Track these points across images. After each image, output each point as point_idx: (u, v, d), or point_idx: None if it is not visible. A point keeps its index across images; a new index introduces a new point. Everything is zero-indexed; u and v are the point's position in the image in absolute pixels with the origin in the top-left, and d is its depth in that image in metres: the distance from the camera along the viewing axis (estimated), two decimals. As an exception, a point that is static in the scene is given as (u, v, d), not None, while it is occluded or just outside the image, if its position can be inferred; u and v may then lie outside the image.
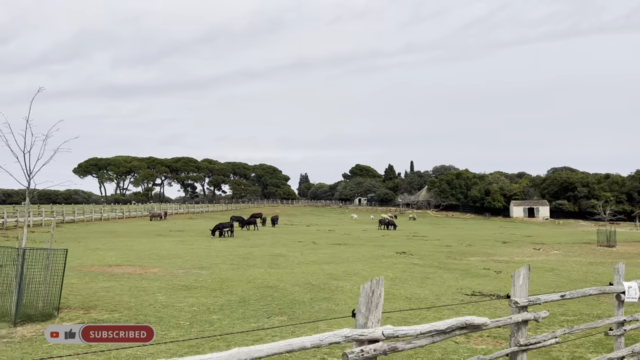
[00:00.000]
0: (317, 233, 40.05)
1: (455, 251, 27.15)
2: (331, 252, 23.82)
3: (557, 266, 21.02)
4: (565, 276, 17.99)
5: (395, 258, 22.10)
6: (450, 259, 22.85)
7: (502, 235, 44.10)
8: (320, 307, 10.96)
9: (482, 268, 19.39)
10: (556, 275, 18.21)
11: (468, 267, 19.48)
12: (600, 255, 28.70)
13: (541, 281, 16.35)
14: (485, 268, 19.41)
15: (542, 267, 20.26)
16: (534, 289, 14.77)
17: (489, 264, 20.75)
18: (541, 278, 17.12)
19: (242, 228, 39.80)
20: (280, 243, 28.32)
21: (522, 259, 24.54)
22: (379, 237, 37.76)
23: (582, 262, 23.91)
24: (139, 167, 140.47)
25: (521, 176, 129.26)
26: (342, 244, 28.95)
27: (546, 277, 17.56)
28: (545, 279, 17.10)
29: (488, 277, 17.13)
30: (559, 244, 36.55)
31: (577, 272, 19.46)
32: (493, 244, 34.07)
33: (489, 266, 20.04)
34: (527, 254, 27.81)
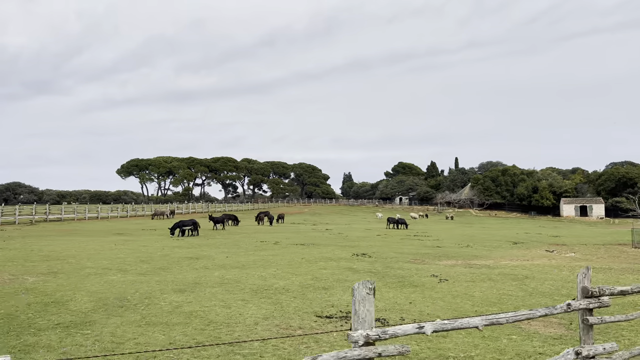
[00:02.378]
0: (307, 232, 36.45)
1: (435, 253, 22.80)
2: (271, 254, 20.21)
3: (543, 274, 16.45)
4: (532, 288, 13.56)
5: (340, 261, 18.19)
6: (410, 263, 18.66)
7: (525, 236, 38.75)
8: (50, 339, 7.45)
9: (429, 275, 15.21)
10: (521, 286, 13.81)
11: (412, 275, 15.34)
12: (624, 260, 23.48)
13: (487, 294, 12.22)
14: (433, 275, 15.23)
15: (513, 275, 15.80)
16: (459, 307, 10.73)
17: (446, 271, 16.47)
18: (493, 289, 12.92)
19: (214, 228, 36.28)
20: (234, 244, 24.96)
21: (508, 263, 19.92)
22: (371, 236, 33.65)
23: (598, 267, 19.05)
24: (179, 167, 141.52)
25: (575, 172, 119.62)
26: (309, 245, 25.24)
27: (502, 288, 13.25)
28: (496, 291, 12.82)
29: (417, 287, 13.02)
30: (585, 245, 31.16)
31: (561, 281, 14.89)
32: (498, 245, 29.22)
33: (442, 273, 15.79)
34: (526, 257, 23.00)
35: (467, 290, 12.91)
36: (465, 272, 16.46)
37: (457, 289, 12.99)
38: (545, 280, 15.00)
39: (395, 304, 10.75)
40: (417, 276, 15.11)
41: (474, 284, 13.90)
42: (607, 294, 6.51)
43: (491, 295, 12.27)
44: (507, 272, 16.51)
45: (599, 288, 6.42)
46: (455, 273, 16.00)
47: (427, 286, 13.35)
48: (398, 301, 11.17)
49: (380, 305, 10.29)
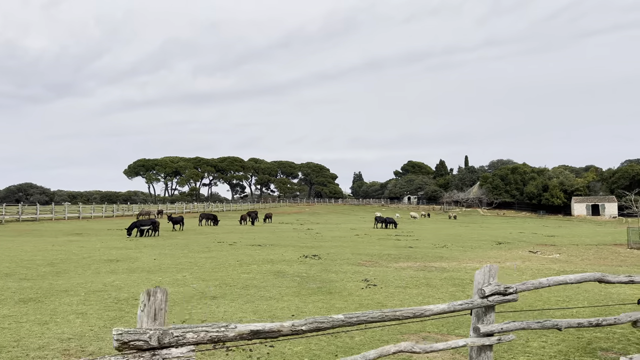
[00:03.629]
0: (281, 233, 34.69)
1: (398, 255, 20.84)
2: (207, 256, 18.48)
3: (498, 278, 14.39)
4: (468, 295, 11.58)
5: (277, 264, 16.41)
6: (357, 265, 16.78)
7: (518, 236, 36.48)
8: None
9: (360, 280, 13.35)
10: (456, 292, 11.90)
11: (341, 280, 13.48)
12: (610, 262, 21.34)
13: (404, 301, 10.28)
14: (365, 280, 13.36)
15: (460, 279, 13.85)
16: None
17: (387, 274, 14.57)
18: (419, 297, 11.12)
19: (173, 230, 34.08)
20: (184, 245, 23.29)
21: (470, 265, 17.87)
22: (348, 236, 31.75)
23: (568, 270, 16.97)
24: (185, 167, 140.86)
25: (588, 170, 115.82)
26: (266, 245, 23.48)
27: (431, 294, 11.36)
28: (421, 298, 10.92)
29: (333, 294, 11.19)
30: (576, 245, 28.91)
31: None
32: (478, 246, 27.11)
33: (380, 277, 13.90)
34: (499, 259, 20.89)
35: (387, 297, 11.01)
36: (409, 275, 14.53)
37: (376, 296, 11.10)
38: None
39: (274, 317, 8.91)
40: (345, 281, 13.23)
41: (403, 290, 11.99)
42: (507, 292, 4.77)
43: (407, 302, 10.35)
44: (457, 276, 14.54)
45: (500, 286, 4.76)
46: (396, 277, 14.07)
47: (344, 293, 11.48)
48: (276, 314, 9.31)
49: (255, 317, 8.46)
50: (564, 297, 11.22)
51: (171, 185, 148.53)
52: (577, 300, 10.89)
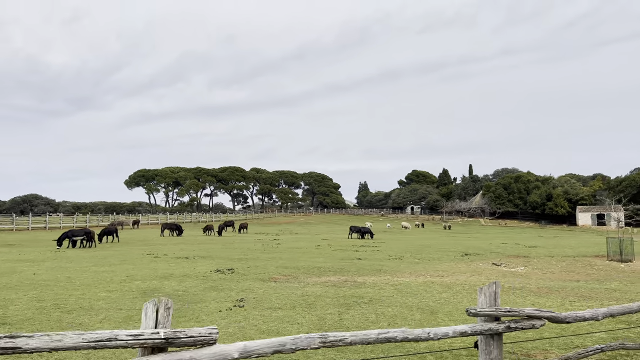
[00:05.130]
0: (236, 244, 32.69)
1: (331, 267, 18.77)
2: (103, 270, 16.57)
3: (412, 296, 12.37)
4: (380, 313, 9.56)
5: (167, 280, 14.46)
6: (263, 281, 14.73)
7: (497, 247, 34.04)
8: None
9: (236, 300, 11.32)
10: (342, 314, 9.80)
11: (214, 299, 11.46)
12: (574, 276, 19.09)
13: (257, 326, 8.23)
14: (239, 300, 11.32)
15: (367, 297, 11.73)
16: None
17: (280, 293, 12.52)
18: (294, 315, 8.95)
19: (100, 241, 30.74)
20: (102, 257, 21.43)
21: (403, 280, 15.73)
22: (308, 247, 29.64)
23: (507, 286, 14.80)
24: (186, 177, 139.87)
25: (595, 178, 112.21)
26: (193, 258, 21.54)
27: (308, 314, 9.25)
28: (289, 317, 8.81)
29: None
30: (551, 257, 26.55)
31: (412, 307, 10.78)
32: (439, 257, 24.87)
33: (266, 296, 11.88)
34: (446, 272, 18.66)
35: (236, 322, 8.96)
36: (309, 293, 12.46)
37: (223, 321, 9.05)
38: (394, 305, 10.95)
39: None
40: (218, 301, 11.25)
41: (271, 312, 9.94)
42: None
43: (248, 329, 8.28)
44: (361, 294, 12.44)
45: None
46: (285, 296, 12.01)
47: (201, 316, 9.46)
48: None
49: None
50: None
51: (172, 196, 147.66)
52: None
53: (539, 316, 4.19)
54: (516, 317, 4.16)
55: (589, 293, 14.06)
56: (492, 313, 4.14)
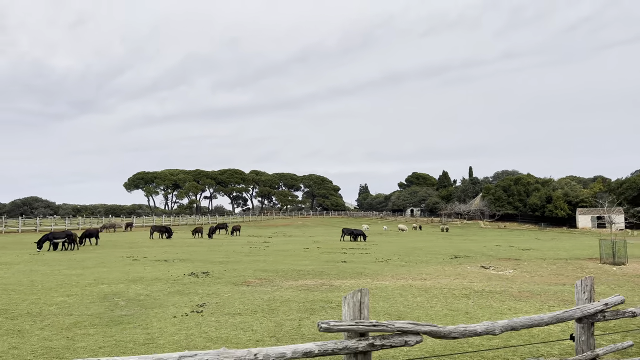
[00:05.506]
0: (223, 246, 32.25)
1: (311, 271, 18.30)
2: (82, 273, 16.13)
3: (383, 300, 11.87)
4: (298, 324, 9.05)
5: (133, 284, 14.01)
6: (236, 285, 14.29)
7: (491, 249, 33.50)
8: None
9: (197, 305, 10.85)
10: (338, 315, 9.33)
11: (176, 304, 11.02)
12: (561, 279, 18.57)
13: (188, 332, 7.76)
14: (200, 305, 10.85)
15: (325, 302, 11.25)
16: None
17: (246, 297, 12.06)
18: (251, 321, 8.52)
19: (81, 244, 29.50)
20: (82, 260, 20.98)
21: (382, 284, 15.23)
22: (296, 250, 29.17)
23: (478, 288, 14.31)
24: (185, 179, 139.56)
25: (596, 180, 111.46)
26: (172, 261, 21.08)
27: (267, 320, 8.78)
28: (245, 323, 8.35)
29: (107, 326, 8.66)
30: (543, 260, 25.98)
31: (377, 311, 10.34)
32: (427, 260, 24.36)
33: (230, 301, 11.43)
34: (430, 275, 18.16)
35: (185, 328, 8.48)
36: (277, 297, 11.99)
37: (172, 328, 8.58)
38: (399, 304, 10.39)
39: None
40: (179, 306, 10.78)
41: (228, 319, 9.47)
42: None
43: (196, 336, 7.81)
44: (334, 299, 11.97)
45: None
46: (249, 300, 11.55)
47: (152, 323, 9.00)
48: None
49: None
50: None
51: (171, 198, 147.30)
52: None
53: (414, 331, 3.61)
54: (385, 332, 3.58)
55: (571, 297, 13.54)
56: (351, 327, 3.41)
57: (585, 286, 3.96)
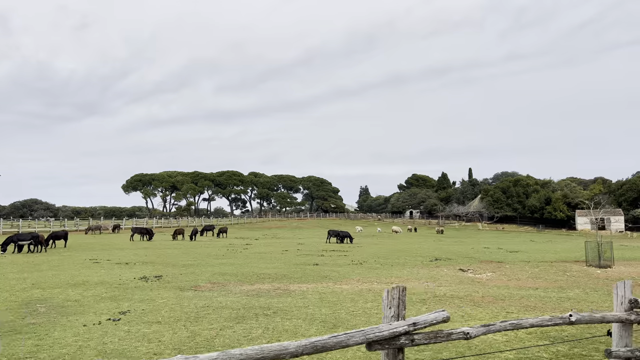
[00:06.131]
0: (196, 249, 31.44)
1: (277, 274, 17.50)
2: (23, 277, 15.31)
3: (327, 305, 11.05)
4: (272, 327, 8.22)
5: (54, 290, 13.18)
6: (179, 290, 13.47)
7: (478, 252, 32.60)
8: None
9: (118, 312, 10.04)
10: (268, 323, 8.50)
11: (98, 312, 10.21)
12: (541, 283, 17.71)
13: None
14: (122, 313, 10.03)
15: (262, 308, 10.42)
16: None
17: (169, 304, 11.24)
18: (163, 330, 7.70)
19: (47, 246, 27.97)
20: (37, 263, 20.22)
21: (346, 287, 14.40)
22: (271, 253, 28.38)
23: (416, 292, 13.47)
24: (183, 181, 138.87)
25: (596, 182, 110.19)
26: (135, 263, 20.31)
27: (232, 328, 7.98)
28: (153, 333, 7.55)
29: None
30: (527, 262, 25.18)
31: (311, 318, 9.52)
32: (404, 262, 23.53)
33: (153, 308, 10.60)
34: (401, 278, 17.30)
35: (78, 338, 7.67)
36: (212, 304, 11.19)
37: (86, 336, 7.77)
38: (297, 317, 9.65)
39: None
40: (95, 314, 9.93)
41: (142, 328, 8.65)
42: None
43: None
44: (275, 305, 11.15)
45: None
46: (184, 307, 10.74)
47: (53, 335, 8.17)
48: None
49: None
50: None
51: (169, 200, 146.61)
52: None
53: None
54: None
55: (536, 303, 12.67)
56: None
57: (392, 299, 3.08)
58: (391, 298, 3.08)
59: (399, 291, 3.06)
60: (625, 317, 4.90)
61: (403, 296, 3.07)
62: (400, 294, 3.06)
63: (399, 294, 3.05)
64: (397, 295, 3.08)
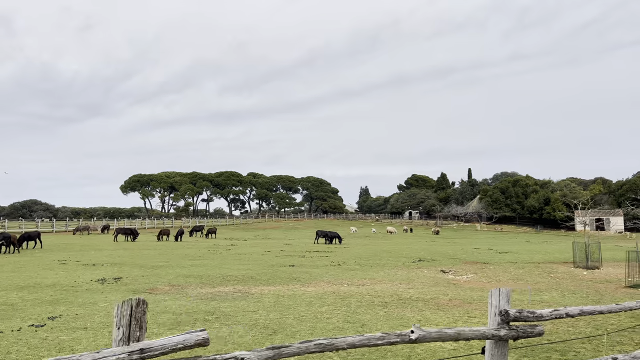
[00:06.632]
0: (180, 250, 30.80)
1: (245, 276, 16.85)
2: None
3: (263, 311, 10.39)
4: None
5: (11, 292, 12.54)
6: (131, 293, 12.84)
7: (466, 252, 31.90)
8: None
9: (47, 318, 9.37)
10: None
11: (31, 318, 9.55)
12: (520, 285, 17.04)
13: None
14: (50, 318, 9.38)
15: (208, 312, 9.77)
16: None
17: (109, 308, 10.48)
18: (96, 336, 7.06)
19: (20, 246, 26.86)
20: (5, 265, 19.61)
21: (307, 289, 13.73)
22: (252, 254, 27.76)
23: (360, 295, 12.78)
24: (181, 182, 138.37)
25: (596, 182, 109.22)
26: (103, 265, 19.70)
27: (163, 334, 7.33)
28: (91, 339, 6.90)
29: None
30: (513, 263, 24.49)
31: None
32: (387, 263, 22.85)
33: (94, 312, 9.96)
34: (375, 279, 16.64)
35: None
36: (157, 309, 10.53)
37: None
38: (240, 322, 8.97)
39: None
40: (21, 319, 9.30)
41: (60, 335, 8.01)
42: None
43: None
44: (223, 309, 10.51)
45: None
46: (112, 313, 10.04)
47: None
48: None
49: None
50: None
51: (168, 201, 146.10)
52: None
53: None
54: None
55: (505, 307, 11.99)
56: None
57: (123, 317, 2.15)
58: (121, 315, 2.36)
59: (132, 306, 2.37)
60: (493, 333, 4.02)
61: (140, 313, 2.36)
62: (134, 309, 2.36)
63: (131, 310, 2.35)
64: (129, 312, 2.37)
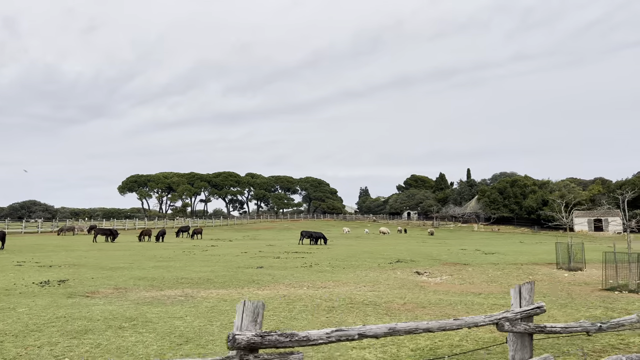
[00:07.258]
0: (156, 251, 30.09)
1: (201, 278, 16.11)
2: None
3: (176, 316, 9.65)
4: (103, 344, 6.84)
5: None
6: (68, 297, 12.11)
7: (454, 253, 31.09)
8: None
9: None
10: (108, 338, 7.10)
11: None
12: (494, 289, 16.30)
13: None
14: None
15: (128, 318, 9.01)
16: None
17: (34, 313, 9.84)
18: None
19: None
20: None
21: (260, 292, 12.97)
22: (228, 255, 27.03)
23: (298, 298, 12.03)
24: (179, 182, 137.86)
25: (595, 182, 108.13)
26: (60, 266, 19.00)
27: (61, 343, 6.61)
28: None
29: None
30: (494, 265, 23.72)
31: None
32: (362, 264, 22.08)
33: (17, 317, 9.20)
34: (339, 281, 15.89)
35: None
36: (79, 315, 9.81)
37: None
38: (152, 331, 8.19)
39: None
40: None
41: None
42: None
43: None
44: (146, 315, 9.75)
45: None
46: (49, 316, 9.36)
47: None
48: None
49: None
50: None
51: (165, 202, 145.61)
52: None
53: None
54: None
55: (459, 311, 11.18)
56: None
57: None
58: None
59: None
60: None
61: None
62: None
63: None
64: None
